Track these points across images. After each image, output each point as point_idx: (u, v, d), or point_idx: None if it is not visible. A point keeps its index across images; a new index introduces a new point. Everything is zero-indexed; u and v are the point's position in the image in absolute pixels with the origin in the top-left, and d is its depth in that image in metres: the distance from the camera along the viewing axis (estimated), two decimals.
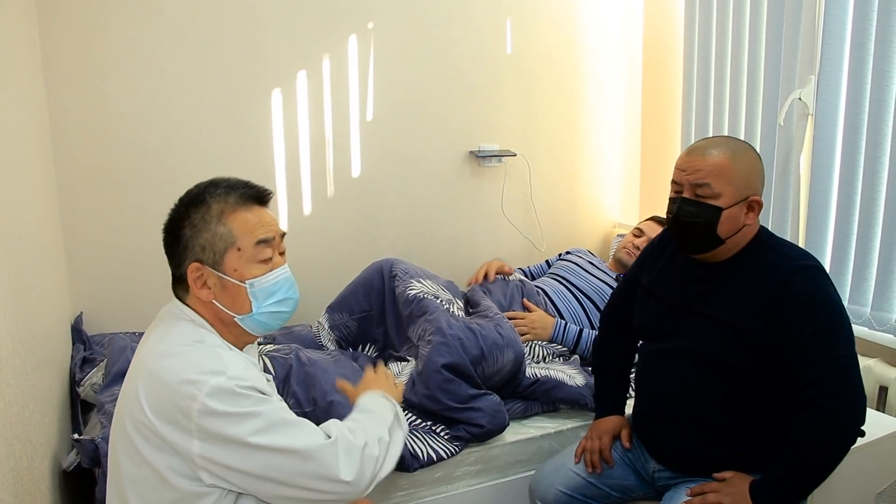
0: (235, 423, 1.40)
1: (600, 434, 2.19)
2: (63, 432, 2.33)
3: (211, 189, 1.56)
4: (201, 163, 3.12)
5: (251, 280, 1.55)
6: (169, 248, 1.58)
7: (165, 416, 1.40)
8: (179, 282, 1.59)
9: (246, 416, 1.41)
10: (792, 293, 1.80)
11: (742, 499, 1.80)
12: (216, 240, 1.52)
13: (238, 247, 1.53)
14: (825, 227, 2.77)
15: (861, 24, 2.53)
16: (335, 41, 3.31)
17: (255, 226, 1.56)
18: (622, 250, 3.28)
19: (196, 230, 1.52)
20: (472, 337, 2.50)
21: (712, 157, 1.87)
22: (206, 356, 1.46)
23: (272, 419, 1.44)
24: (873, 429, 2.23)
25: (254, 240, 1.55)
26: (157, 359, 1.46)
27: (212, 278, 1.54)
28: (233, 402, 1.40)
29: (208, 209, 1.53)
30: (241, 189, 1.58)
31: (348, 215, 3.48)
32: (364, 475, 1.55)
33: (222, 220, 1.53)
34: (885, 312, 2.56)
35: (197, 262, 1.52)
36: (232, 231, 1.53)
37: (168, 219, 1.58)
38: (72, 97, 2.90)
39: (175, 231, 1.55)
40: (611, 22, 3.93)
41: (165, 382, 1.41)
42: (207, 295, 1.54)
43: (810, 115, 2.79)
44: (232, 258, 1.53)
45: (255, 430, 1.41)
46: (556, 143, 3.90)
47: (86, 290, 3.04)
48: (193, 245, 1.52)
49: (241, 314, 1.57)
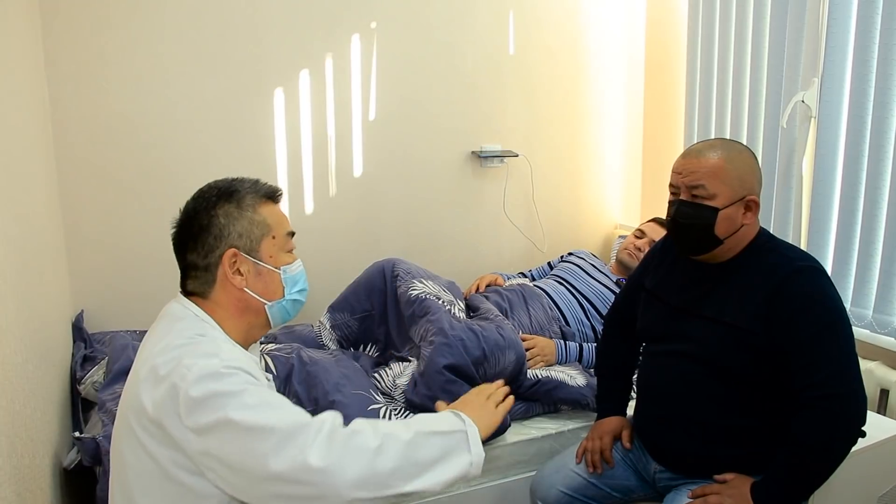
0: (220, 402, 1.36)
1: (601, 434, 2.19)
2: (64, 430, 2.33)
3: (236, 183, 1.61)
4: (203, 162, 3.12)
5: (284, 266, 1.62)
6: (196, 238, 1.56)
7: (164, 408, 1.38)
8: (205, 270, 1.57)
9: (230, 394, 1.37)
10: (792, 294, 1.80)
11: (743, 500, 1.80)
12: (253, 227, 1.57)
13: (273, 235, 1.60)
14: (827, 230, 2.77)
15: (864, 26, 2.53)
16: (337, 40, 3.32)
17: (282, 218, 1.64)
18: (624, 251, 3.28)
19: (232, 218, 1.56)
20: (474, 338, 2.50)
21: (707, 158, 1.88)
22: (205, 345, 1.47)
23: (256, 398, 1.38)
24: (875, 431, 2.23)
25: (284, 230, 1.63)
26: (158, 355, 1.45)
27: (246, 265, 1.57)
28: (217, 381, 1.37)
29: (242, 198, 1.58)
30: (264, 187, 1.63)
31: (350, 215, 3.49)
32: (345, 465, 1.35)
33: (257, 209, 1.59)
34: (887, 315, 2.56)
35: (233, 249, 1.55)
36: (266, 219, 1.59)
37: (189, 210, 1.59)
38: (74, 96, 2.90)
39: (204, 221, 1.56)
40: (613, 22, 3.93)
41: (162, 375, 1.40)
42: (241, 282, 1.56)
43: (813, 118, 2.79)
44: (268, 245, 1.59)
45: (238, 405, 1.36)
46: (558, 143, 3.90)
47: (87, 288, 3.04)
48: (230, 232, 1.55)
49: (271, 300, 1.61)
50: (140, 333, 2.89)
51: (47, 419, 2.09)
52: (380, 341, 2.90)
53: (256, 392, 1.40)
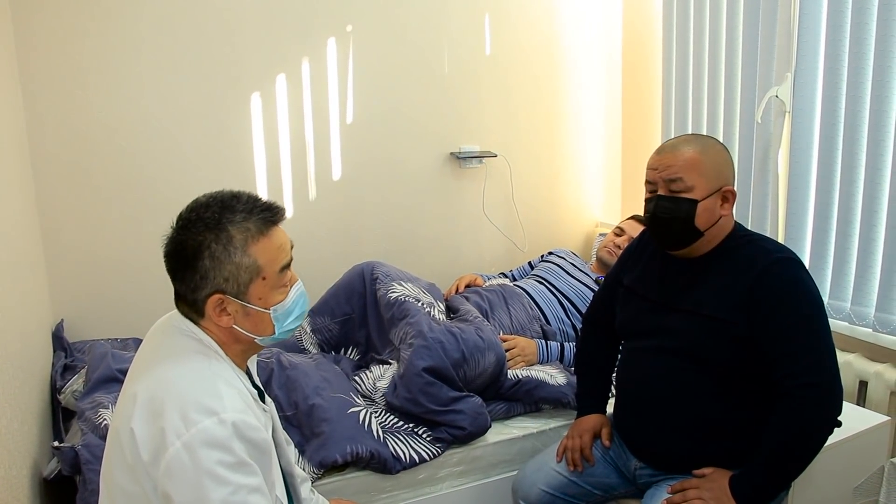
0: (206, 476, 1.35)
1: (581, 432, 2.20)
2: (43, 440, 2.32)
3: (227, 214, 1.48)
4: (181, 168, 3.10)
5: (275, 306, 1.53)
6: (180, 272, 1.49)
7: (150, 439, 1.37)
8: (193, 303, 1.51)
9: (219, 478, 1.36)
10: (770, 285, 1.82)
11: (722, 493, 1.81)
12: (240, 271, 1.47)
13: (263, 276, 1.50)
14: (804, 224, 2.79)
15: (836, 21, 2.55)
16: (313, 44, 3.31)
17: (277, 252, 1.52)
18: (603, 249, 3.29)
19: (218, 261, 1.46)
20: (453, 340, 2.51)
21: (682, 152, 1.91)
22: (205, 390, 1.41)
23: (240, 493, 1.38)
24: (853, 423, 2.25)
25: (278, 268, 1.52)
26: (157, 380, 1.43)
27: (233, 306, 1.49)
28: (214, 449, 1.36)
29: (230, 238, 1.46)
30: (259, 213, 1.51)
31: (330, 218, 3.48)
32: None
33: (247, 250, 1.47)
34: (864, 307, 2.58)
35: (219, 294, 1.47)
36: (257, 262, 1.48)
37: (176, 242, 1.49)
38: (49, 104, 2.89)
39: (190, 258, 1.47)
40: (590, 22, 3.94)
41: (159, 409, 1.37)
42: (228, 321, 1.50)
43: (787, 113, 2.80)
44: (257, 287, 1.50)
45: (221, 496, 1.35)
46: (536, 143, 3.91)
47: (66, 297, 3.02)
48: (215, 276, 1.46)
49: (261, 336, 1.55)
50: (120, 342, 2.88)
51: (26, 429, 2.08)
52: (360, 344, 2.91)
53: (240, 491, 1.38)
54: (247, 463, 1.40)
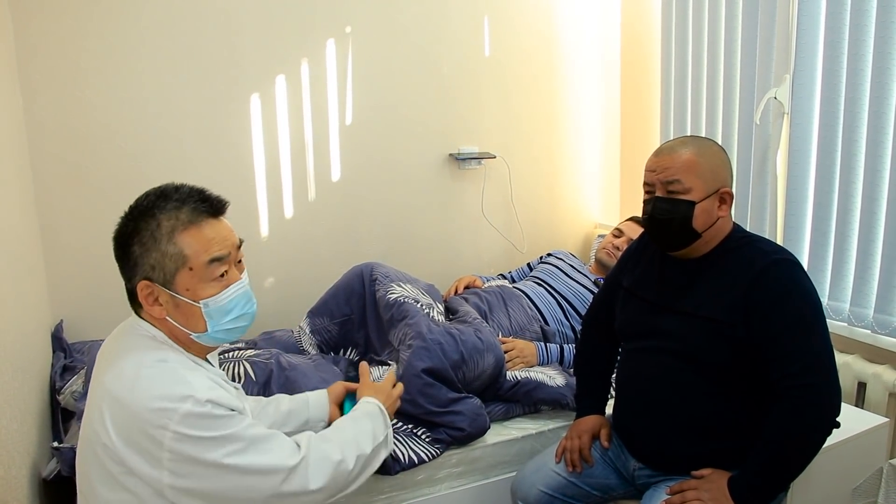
0: (210, 448, 1.39)
1: (580, 433, 2.20)
2: (43, 441, 2.32)
3: (161, 202, 1.49)
4: (181, 168, 3.11)
5: (205, 300, 1.50)
6: (119, 262, 1.51)
7: (134, 445, 1.38)
8: (131, 294, 1.53)
9: (220, 439, 1.40)
10: (768, 286, 1.82)
11: (721, 494, 1.81)
12: (166, 260, 1.46)
13: (190, 266, 1.47)
14: (803, 225, 2.79)
15: (834, 23, 2.56)
16: (313, 45, 3.31)
17: (207, 243, 1.49)
18: (602, 251, 3.29)
19: (145, 248, 1.46)
20: (452, 341, 2.51)
21: (679, 154, 1.91)
22: (171, 379, 1.42)
23: (244, 438, 1.44)
24: (852, 424, 2.25)
25: (206, 258, 1.48)
26: (120, 382, 1.42)
27: (163, 296, 1.49)
28: (204, 426, 1.39)
29: (158, 226, 1.46)
30: (194, 202, 1.50)
31: (329, 219, 3.48)
32: (334, 486, 1.60)
33: (172, 238, 1.46)
34: (863, 308, 2.58)
35: (146, 280, 1.47)
36: (183, 250, 1.46)
37: (116, 231, 1.52)
38: (49, 105, 2.88)
39: (124, 245, 1.49)
40: (588, 23, 3.94)
41: (133, 410, 1.37)
42: (160, 312, 1.50)
43: (786, 114, 2.81)
44: (184, 278, 1.48)
45: (229, 451, 1.41)
46: (535, 144, 3.91)
47: (66, 297, 3.02)
48: (143, 263, 1.46)
49: (196, 332, 1.53)
50: None
51: (25, 429, 2.08)
52: (359, 345, 2.91)
53: (246, 431, 1.45)
54: (233, 415, 1.45)
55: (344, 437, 1.69)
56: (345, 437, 1.69)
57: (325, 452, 1.59)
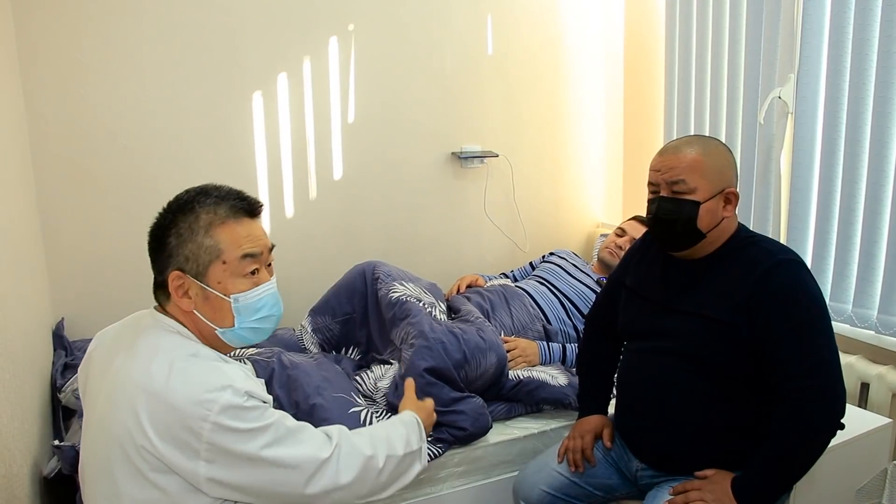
0: (247, 439, 1.42)
1: (582, 433, 2.19)
2: (44, 439, 2.31)
3: (201, 198, 1.53)
4: (182, 167, 3.10)
5: (236, 294, 1.54)
6: (153, 254, 1.55)
7: (172, 439, 1.39)
8: (161, 287, 1.56)
9: (257, 431, 1.43)
10: (773, 287, 1.81)
11: (724, 495, 1.80)
12: (201, 251, 1.50)
13: (223, 260, 1.51)
14: (806, 225, 2.79)
15: (839, 22, 2.55)
16: (315, 43, 3.31)
17: (242, 239, 1.53)
18: (605, 250, 3.28)
19: (182, 239, 1.50)
20: (455, 341, 2.50)
21: (685, 154, 1.90)
22: (207, 370, 1.45)
23: (279, 431, 1.47)
24: (855, 425, 2.25)
25: (240, 253, 1.53)
26: (153, 378, 1.42)
27: (194, 288, 1.52)
28: (243, 417, 1.41)
29: (196, 219, 1.51)
30: (232, 200, 1.55)
31: (331, 218, 3.48)
32: (361, 484, 1.61)
33: (210, 231, 1.50)
34: (866, 309, 2.58)
35: (178, 271, 1.50)
36: (218, 244, 1.51)
37: (154, 223, 1.56)
38: (50, 103, 2.88)
39: (160, 237, 1.53)
40: (592, 21, 3.94)
41: (171, 404, 1.38)
42: (188, 304, 1.52)
43: (790, 114, 2.80)
44: (216, 271, 1.51)
45: (265, 443, 1.44)
46: (538, 143, 3.91)
47: (67, 295, 3.02)
48: (178, 254, 1.50)
49: (222, 327, 1.55)
50: None
51: (26, 428, 2.08)
52: (361, 344, 2.90)
53: (280, 423, 1.48)
54: (268, 408, 1.48)
55: (376, 434, 1.71)
56: (376, 434, 1.71)
57: (356, 446, 1.61)
